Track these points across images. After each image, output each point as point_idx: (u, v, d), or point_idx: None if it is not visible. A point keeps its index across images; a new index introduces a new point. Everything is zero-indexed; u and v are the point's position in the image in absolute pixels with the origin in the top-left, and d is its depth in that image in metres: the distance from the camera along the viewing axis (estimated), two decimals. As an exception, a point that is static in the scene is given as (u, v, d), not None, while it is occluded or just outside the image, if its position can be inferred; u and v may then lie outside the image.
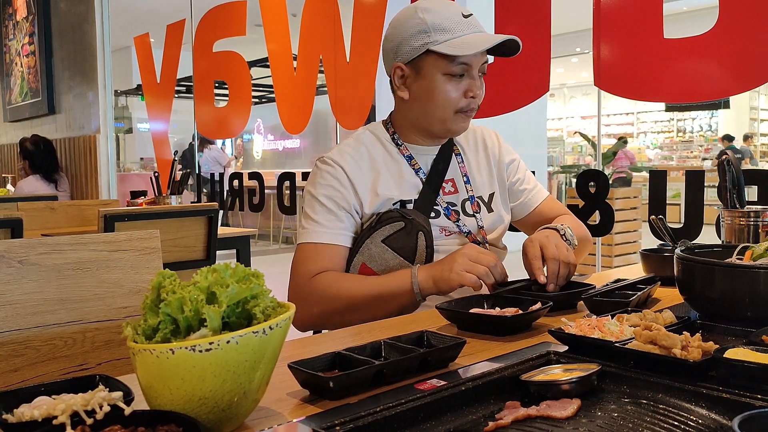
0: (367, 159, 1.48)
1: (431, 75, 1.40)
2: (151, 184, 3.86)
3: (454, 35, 1.37)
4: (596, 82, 2.42)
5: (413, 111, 1.47)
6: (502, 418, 0.74)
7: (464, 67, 1.39)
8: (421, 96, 1.43)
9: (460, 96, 1.41)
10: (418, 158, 1.50)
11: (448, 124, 1.45)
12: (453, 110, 1.42)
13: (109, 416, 0.63)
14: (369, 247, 1.41)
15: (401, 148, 1.50)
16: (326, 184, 1.45)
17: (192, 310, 0.68)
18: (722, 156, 1.47)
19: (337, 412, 0.73)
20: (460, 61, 1.37)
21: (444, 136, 1.50)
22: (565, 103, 16.89)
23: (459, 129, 1.47)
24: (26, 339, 1.09)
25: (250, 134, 14.15)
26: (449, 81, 1.39)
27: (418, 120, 1.47)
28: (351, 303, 1.35)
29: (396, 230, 1.40)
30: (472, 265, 1.28)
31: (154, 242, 1.27)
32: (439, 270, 1.30)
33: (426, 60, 1.40)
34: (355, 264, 1.42)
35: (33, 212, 3.42)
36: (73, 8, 5.71)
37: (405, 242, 1.40)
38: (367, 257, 1.41)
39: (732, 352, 0.81)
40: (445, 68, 1.38)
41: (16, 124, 6.95)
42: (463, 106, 1.42)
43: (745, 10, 2.04)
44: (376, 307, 1.34)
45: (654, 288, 1.33)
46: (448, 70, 1.38)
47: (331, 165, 1.46)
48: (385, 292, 1.34)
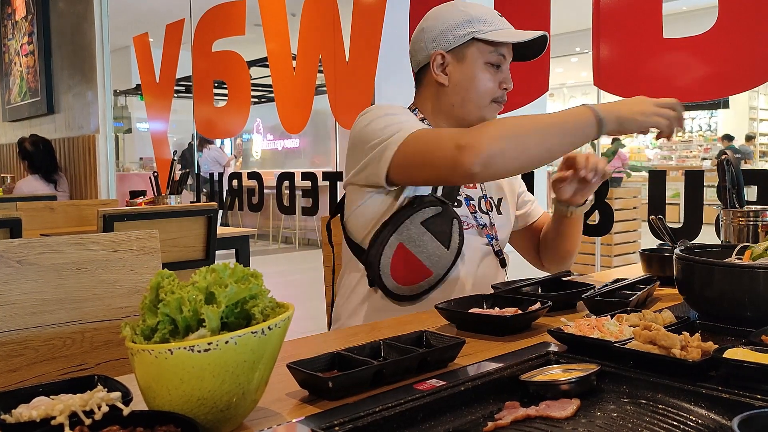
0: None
1: (474, 62, 1.46)
2: (150, 184, 3.86)
3: (496, 27, 1.45)
4: (596, 81, 2.42)
5: (451, 97, 1.49)
6: (502, 418, 0.74)
7: (501, 58, 1.46)
8: (462, 82, 1.47)
9: (496, 86, 1.47)
10: None
11: (483, 111, 1.48)
12: (490, 98, 1.47)
13: (108, 417, 0.63)
14: (408, 228, 1.38)
15: None
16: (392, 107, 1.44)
17: (191, 311, 0.68)
18: (722, 156, 1.47)
19: (336, 413, 0.73)
20: (501, 52, 1.45)
21: (469, 125, 1.49)
22: (564, 102, 16.89)
23: (490, 118, 1.50)
24: (25, 339, 1.09)
25: (250, 134, 14.15)
26: (489, 70, 1.46)
27: (455, 107, 1.49)
28: (537, 126, 1.28)
29: (434, 214, 1.40)
30: (662, 110, 1.30)
31: (153, 242, 1.26)
32: (626, 110, 1.29)
33: (470, 48, 1.46)
34: (391, 243, 1.38)
35: (32, 212, 3.42)
36: (72, 8, 5.71)
37: (441, 227, 1.40)
38: (406, 238, 1.38)
39: (731, 352, 0.81)
40: (487, 57, 1.45)
41: (15, 123, 6.95)
42: (498, 96, 1.48)
43: (745, 10, 2.04)
44: (561, 136, 1.28)
45: (653, 288, 1.33)
46: (490, 59, 1.45)
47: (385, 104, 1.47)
48: (568, 124, 1.29)
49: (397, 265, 1.40)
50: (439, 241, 1.40)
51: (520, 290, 1.30)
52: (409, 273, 1.40)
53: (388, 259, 1.38)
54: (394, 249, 1.39)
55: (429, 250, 1.39)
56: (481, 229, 1.51)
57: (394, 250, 1.39)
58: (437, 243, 1.40)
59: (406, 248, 1.39)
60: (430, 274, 1.41)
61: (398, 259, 1.38)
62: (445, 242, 1.41)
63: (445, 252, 1.40)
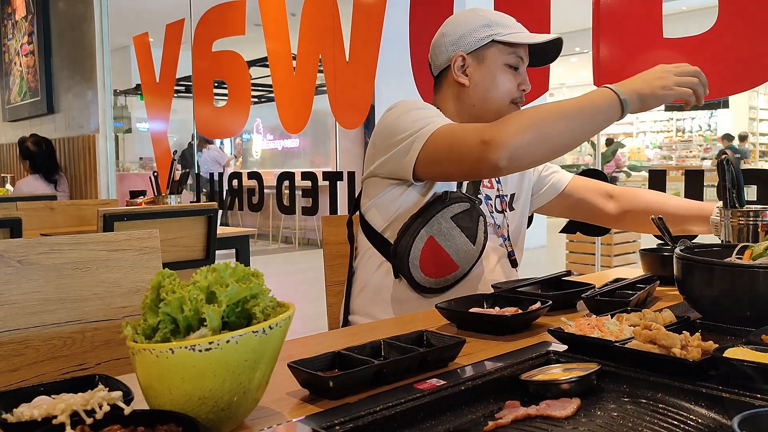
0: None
1: (494, 63, 1.50)
2: (150, 183, 3.86)
3: (514, 30, 1.50)
4: (596, 81, 2.41)
5: (471, 98, 1.52)
6: (502, 417, 0.74)
7: (519, 60, 1.50)
8: (482, 82, 1.51)
9: (514, 87, 1.51)
10: None
11: (503, 112, 1.49)
12: (509, 99, 1.51)
13: (109, 416, 0.63)
14: (439, 222, 1.41)
15: None
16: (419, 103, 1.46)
17: (191, 310, 0.68)
18: (721, 155, 1.47)
19: (336, 412, 0.73)
20: (520, 54, 1.50)
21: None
22: (564, 102, 16.86)
23: None
24: (25, 339, 1.09)
25: (250, 134, 14.15)
26: (508, 71, 1.50)
27: (475, 107, 1.52)
28: (558, 114, 1.28)
29: (462, 210, 1.42)
30: (682, 79, 1.29)
31: (153, 242, 1.27)
32: (647, 87, 1.29)
33: (490, 50, 1.50)
34: (422, 236, 1.40)
35: (32, 212, 3.42)
36: (72, 8, 5.71)
37: (469, 223, 1.42)
38: (436, 231, 1.41)
39: (731, 351, 0.82)
40: (506, 58, 1.49)
41: (15, 123, 6.95)
42: (516, 97, 1.52)
43: (745, 10, 2.04)
44: (585, 121, 1.29)
45: (653, 287, 1.33)
46: (509, 60, 1.49)
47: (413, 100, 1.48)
48: (590, 107, 1.29)
49: (426, 258, 1.42)
50: (466, 236, 1.43)
51: (520, 290, 1.30)
52: (437, 266, 1.43)
53: (418, 251, 1.41)
54: (425, 241, 1.41)
55: (457, 245, 1.42)
56: (497, 229, 1.54)
57: (425, 242, 1.41)
58: (465, 238, 1.42)
59: (436, 241, 1.41)
60: (457, 269, 1.44)
61: (428, 252, 1.41)
62: (472, 238, 1.43)
63: (471, 247, 1.43)
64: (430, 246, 1.41)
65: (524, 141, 1.24)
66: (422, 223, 1.41)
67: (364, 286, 1.52)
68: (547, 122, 1.27)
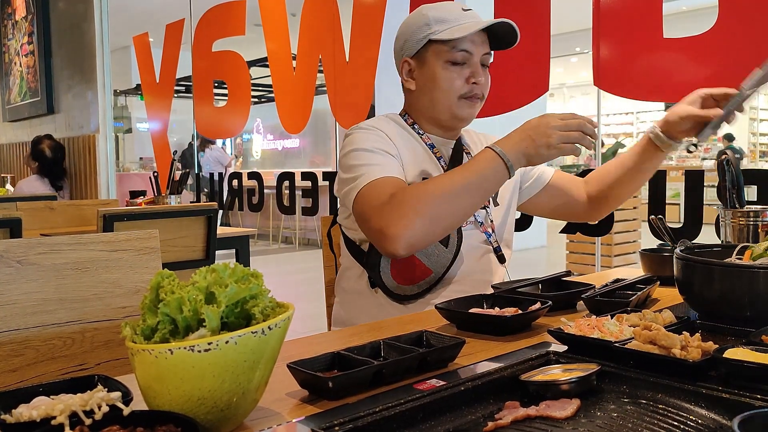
0: (396, 135, 1.49)
1: (434, 64, 1.47)
2: (150, 184, 3.85)
3: (453, 24, 1.44)
4: (596, 81, 2.42)
5: (421, 101, 1.52)
6: (502, 418, 0.74)
7: (465, 54, 1.45)
8: (426, 84, 1.49)
9: (462, 82, 1.46)
10: (439, 148, 1.53)
11: (454, 109, 1.48)
12: (456, 96, 1.47)
13: (108, 416, 0.63)
14: None
15: (423, 137, 1.53)
16: (369, 138, 1.44)
17: (191, 310, 0.68)
18: (722, 156, 1.47)
19: (336, 413, 0.73)
20: (460, 48, 1.44)
21: (452, 125, 1.53)
22: (564, 102, 16.89)
23: (465, 115, 1.49)
24: (25, 339, 1.09)
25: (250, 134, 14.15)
26: (451, 68, 1.45)
27: (427, 110, 1.51)
28: (449, 193, 1.28)
29: None
30: (566, 134, 1.25)
31: (153, 242, 1.26)
32: (531, 146, 1.26)
33: (428, 50, 1.47)
34: None
35: (32, 212, 3.41)
36: (72, 8, 5.71)
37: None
38: None
39: (731, 352, 0.81)
40: (446, 56, 1.45)
41: (16, 123, 6.95)
42: (465, 91, 1.46)
43: (745, 10, 2.04)
44: (473, 194, 1.29)
45: (653, 288, 1.33)
46: (449, 57, 1.45)
47: (367, 128, 1.47)
48: (478, 178, 1.28)
49: (396, 265, 1.42)
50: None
51: (520, 290, 1.30)
52: (409, 272, 1.42)
53: (388, 259, 1.41)
54: None
55: (428, 249, 1.41)
56: (479, 225, 1.51)
57: None
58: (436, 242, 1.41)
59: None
60: (430, 273, 1.42)
61: (398, 260, 1.39)
62: (443, 240, 1.42)
63: (443, 250, 1.42)
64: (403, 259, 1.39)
65: (416, 230, 1.26)
66: None
67: (345, 297, 1.53)
68: (436, 206, 1.26)
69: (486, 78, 1.49)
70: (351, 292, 1.52)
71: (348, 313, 1.53)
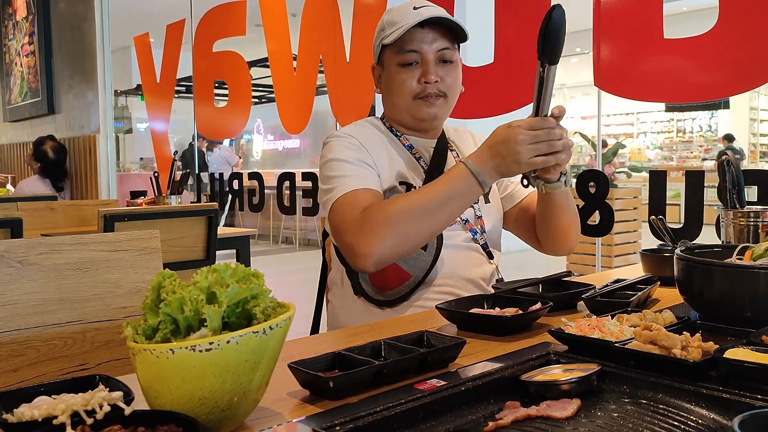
0: (372, 141, 1.49)
1: (389, 68, 1.48)
2: (150, 184, 3.86)
3: (401, 26, 1.42)
4: (596, 82, 2.42)
5: (386, 106, 1.54)
6: (502, 418, 0.74)
7: (415, 54, 1.43)
8: (385, 89, 1.51)
9: (414, 83, 1.44)
10: (418, 148, 1.53)
11: (411, 110, 1.47)
12: (410, 97, 1.46)
13: (109, 416, 0.63)
14: None
15: (401, 138, 1.53)
16: (345, 147, 1.44)
17: (192, 310, 0.68)
18: (722, 156, 1.48)
19: (337, 412, 0.73)
20: (407, 48, 1.43)
21: (417, 126, 1.51)
22: (564, 103, 16.90)
23: (424, 115, 1.47)
24: (26, 339, 1.09)
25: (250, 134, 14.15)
26: (403, 70, 1.44)
27: (391, 113, 1.53)
28: (420, 211, 1.27)
29: None
30: (536, 147, 1.20)
31: (154, 242, 1.27)
32: (502, 162, 1.22)
33: (384, 55, 1.49)
34: None
35: (33, 212, 3.42)
36: (73, 8, 5.71)
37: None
38: None
39: (732, 352, 0.82)
40: (397, 58, 1.45)
41: (16, 124, 6.95)
42: (418, 92, 1.45)
43: (745, 11, 2.04)
44: (445, 211, 1.27)
45: (654, 288, 1.33)
46: (400, 59, 1.44)
47: (343, 136, 1.47)
48: (450, 195, 1.27)
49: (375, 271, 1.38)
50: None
51: (520, 290, 1.30)
52: (386, 277, 1.41)
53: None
54: None
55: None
56: (464, 224, 1.48)
57: None
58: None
59: None
60: (409, 277, 1.41)
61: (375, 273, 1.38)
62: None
63: (422, 254, 1.40)
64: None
65: (386, 247, 1.26)
66: None
67: (340, 293, 1.52)
68: (407, 224, 1.26)
69: (446, 74, 1.45)
70: (340, 289, 1.52)
71: (339, 317, 1.53)
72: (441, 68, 1.45)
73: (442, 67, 1.45)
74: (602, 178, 2.51)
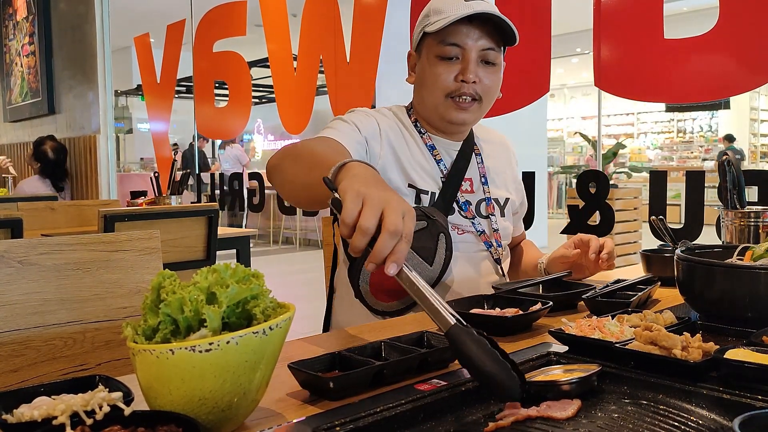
0: (396, 136, 1.43)
1: (426, 57, 1.40)
2: (151, 184, 3.85)
3: (447, 15, 1.33)
4: (596, 82, 2.42)
5: (415, 98, 1.47)
6: (503, 418, 0.74)
7: (457, 49, 1.35)
8: (419, 80, 1.44)
9: (450, 79, 1.36)
10: (440, 150, 1.46)
11: (440, 110, 1.40)
12: (443, 94, 1.38)
13: (109, 416, 0.63)
14: None
15: (424, 137, 1.46)
16: (358, 114, 1.40)
17: (192, 311, 0.68)
18: (722, 156, 1.48)
19: (337, 413, 0.73)
20: (450, 41, 1.34)
21: (443, 128, 1.45)
22: (565, 103, 16.88)
23: (453, 119, 1.40)
24: (26, 339, 1.09)
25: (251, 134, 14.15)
26: (440, 63, 1.36)
27: (419, 108, 1.47)
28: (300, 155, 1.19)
29: (418, 229, 1.30)
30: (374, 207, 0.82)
31: (154, 242, 1.26)
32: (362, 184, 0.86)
33: (424, 43, 1.41)
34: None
35: (33, 212, 3.42)
36: (73, 8, 5.71)
37: (425, 242, 1.32)
38: None
39: (732, 352, 0.81)
40: (437, 50, 1.36)
41: (17, 124, 6.95)
42: (453, 89, 1.37)
43: (746, 11, 2.04)
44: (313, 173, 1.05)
45: (654, 288, 1.33)
46: (440, 51, 1.36)
47: (363, 111, 1.42)
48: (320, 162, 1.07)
49: (376, 281, 1.36)
50: (421, 257, 1.34)
51: (520, 290, 1.30)
52: (388, 289, 1.35)
53: (367, 275, 1.35)
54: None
55: (411, 264, 1.35)
56: (479, 235, 1.45)
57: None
58: (419, 259, 1.34)
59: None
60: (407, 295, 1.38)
61: (378, 275, 1.33)
62: (428, 258, 1.34)
63: (427, 269, 1.34)
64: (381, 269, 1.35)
65: (272, 169, 1.24)
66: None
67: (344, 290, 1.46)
68: (290, 162, 1.18)
69: (488, 76, 1.37)
70: (341, 298, 1.49)
71: (341, 308, 1.50)
72: (482, 69, 1.37)
73: (483, 68, 1.37)
74: (602, 179, 2.51)
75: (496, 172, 1.55)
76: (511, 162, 1.63)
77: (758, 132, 14.02)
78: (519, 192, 1.63)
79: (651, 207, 2.28)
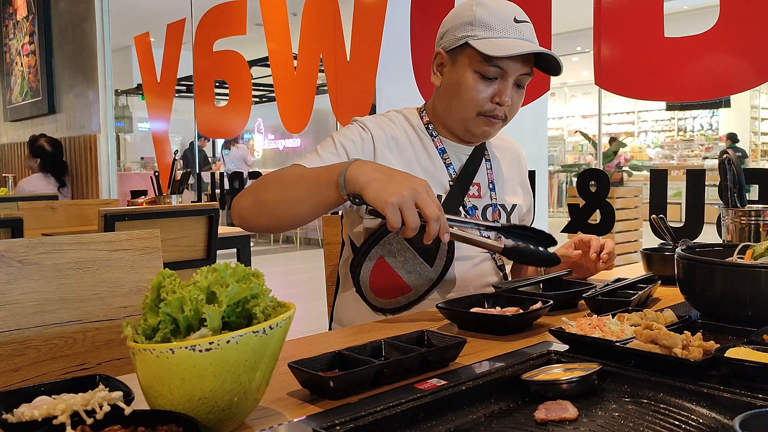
0: (399, 143, 1.42)
1: (464, 69, 1.36)
2: (151, 183, 3.86)
3: (497, 35, 1.33)
4: (597, 81, 2.41)
5: (441, 101, 1.43)
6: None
7: (499, 71, 1.34)
8: (449, 87, 1.39)
9: (486, 98, 1.35)
10: (451, 154, 1.46)
11: (468, 124, 1.39)
12: (476, 111, 1.37)
13: (109, 416, 0.63)
14: (390, 241, 1.36)
15: (435, 140, 1.45)
16: (349, 136, 1.39)
17: (192, 310, 0.68)
18: (723, 155, 1.48)
19: (337, 412, 0.73)
20: (495, 63, 1.33)
21: (464, 137, 1.45)
22: (565, 102, 16.87)
23: (479, 133, 1.41)
24: (26, 339, 1.09)
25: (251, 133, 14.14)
26: (480, 80, 1.35)
27: (443, 113, 1.43)
28: (282, 181, 1.23)
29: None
30: (408, 205, 1.07)
31: (154, 242, 1.26)
32: (376, 186, 1.09)
33: (463, 52, 1.36)
34: (372, 256, 1.37)
35: (33, 212, 3.42)
36: (74, 8, 5.71)
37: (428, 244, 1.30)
38: (387, 251, 1.37)
39: (733, 351, 0.81)
40: (478, 66, 1.34)
41: (17, 123, 6.95)
42: (487, 109, 1.36)
43: (746, 9, 2.04)
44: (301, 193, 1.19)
45: (654, 287, 1.33)
46: (482, 69, 1.34)
47: (363, 128, 1.41)
48: (312, 179, 1.19)
49: (376, 279, 1.38)
50: (422, 258, 1.36)
51: (521, 289, 1.30)
52: (387, 287, 1.38)
53: (368, 271, 1.38)
54: (375, 261, 1.38)
55: (409, 266, 1.37)
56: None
57: (375, 262, 1.38)
58: (420, 260, 1.36)
59: (387, 262, 1.37)
60: (409, 291, 1.39)
61: (378, 273, 1.37)
62: (429, 260, 1.37)
63: (427, 269, 1.37)
64: (381, 266, 1.36)
65: (245, 206, 1.25)
66: (374, 242, 1.36)
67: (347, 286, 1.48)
68: (266, 189, 1.23)
69: (517, 98, 1.39)
70: (342, 295, 1.50)
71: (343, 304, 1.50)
72: (515, 92, 1.38)
73: (516, 91, 1.38)
74: (603, 177, 2.51)
75: (505, 179, 1.55)
76: (521, 168, 1.62)
77: (759, 130, 14.01)
78: (527, 199, 1.62)
79: (651, 206, 2.28)
